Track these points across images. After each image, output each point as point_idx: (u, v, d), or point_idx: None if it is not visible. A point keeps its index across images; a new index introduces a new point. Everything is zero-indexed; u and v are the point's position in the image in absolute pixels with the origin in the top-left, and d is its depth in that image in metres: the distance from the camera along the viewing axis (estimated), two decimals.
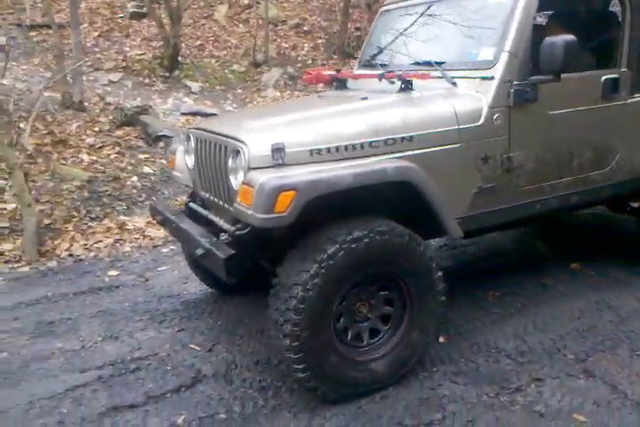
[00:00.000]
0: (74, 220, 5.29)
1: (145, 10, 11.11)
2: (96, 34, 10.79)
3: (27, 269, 4.58)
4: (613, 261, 4.06)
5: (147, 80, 9.62)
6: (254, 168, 2.54)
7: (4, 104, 5.22)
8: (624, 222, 4.37)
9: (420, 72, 3.12)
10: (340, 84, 3.74)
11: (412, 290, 2.75)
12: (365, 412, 2.63)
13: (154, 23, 10.26)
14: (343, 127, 2.71)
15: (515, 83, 2.95)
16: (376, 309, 2.78)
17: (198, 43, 11.47)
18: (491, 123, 2.94)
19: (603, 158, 3.43)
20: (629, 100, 3.47)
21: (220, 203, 2.93)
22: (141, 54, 10.40)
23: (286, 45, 12.13)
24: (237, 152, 2.63)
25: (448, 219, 2.81)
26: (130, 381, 2.98)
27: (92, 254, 4.80)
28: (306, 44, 12.13)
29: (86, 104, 7.60)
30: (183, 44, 10.66)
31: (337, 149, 2.64)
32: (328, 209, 2.61)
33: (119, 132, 7.08)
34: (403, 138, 2.76)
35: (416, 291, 2.75)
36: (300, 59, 11.67)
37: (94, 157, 6.32)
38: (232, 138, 2.74)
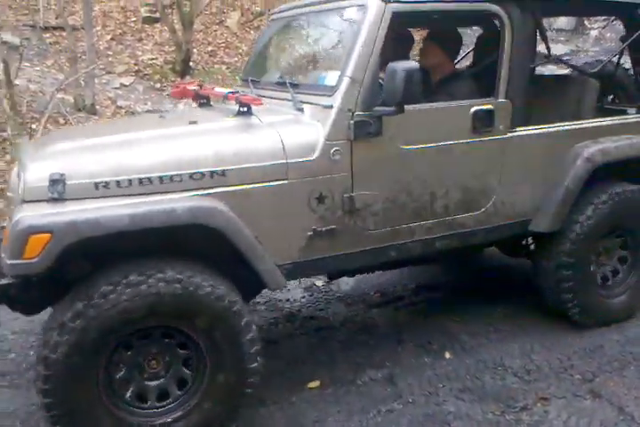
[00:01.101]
0: None
1: (158, 15, 11.17)
2: (109, 37, 10.84)
3: None
4: None
5: (158, 85, 9.65)
6: (28, 201, 2.20)
7: (17, 105, 5.26)
8: None
9: (259, 95, 2.71)
10: (204, 100, 3.22)
11: (211, 356, 2.37)
12: None
13: (166, 28, 10.32)
14: (141, 157, 2.34)
15: (356, 113, 2.57)
16: (173, 368, 2.40)
17: (210, 49, 11.51)
18: (327, 158, 2.56)
19: (474, 200, 2.98)
20: (510, 135, 2.98)
21: None
22: (153, 59, 10.45)
23: None
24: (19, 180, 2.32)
25: (263, 268, 2.44)
26: None
27: None
28: None
29: (98, 107, 7.66)
30: (195, 50, 10.69)
31: (129, 182, 2.26)
32: (128, 248, 2.27)
33: None
34: (213, 172, 2.37)
35: (217, 358, 2.37)
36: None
37: None
38: (21, 163, 2.46)
